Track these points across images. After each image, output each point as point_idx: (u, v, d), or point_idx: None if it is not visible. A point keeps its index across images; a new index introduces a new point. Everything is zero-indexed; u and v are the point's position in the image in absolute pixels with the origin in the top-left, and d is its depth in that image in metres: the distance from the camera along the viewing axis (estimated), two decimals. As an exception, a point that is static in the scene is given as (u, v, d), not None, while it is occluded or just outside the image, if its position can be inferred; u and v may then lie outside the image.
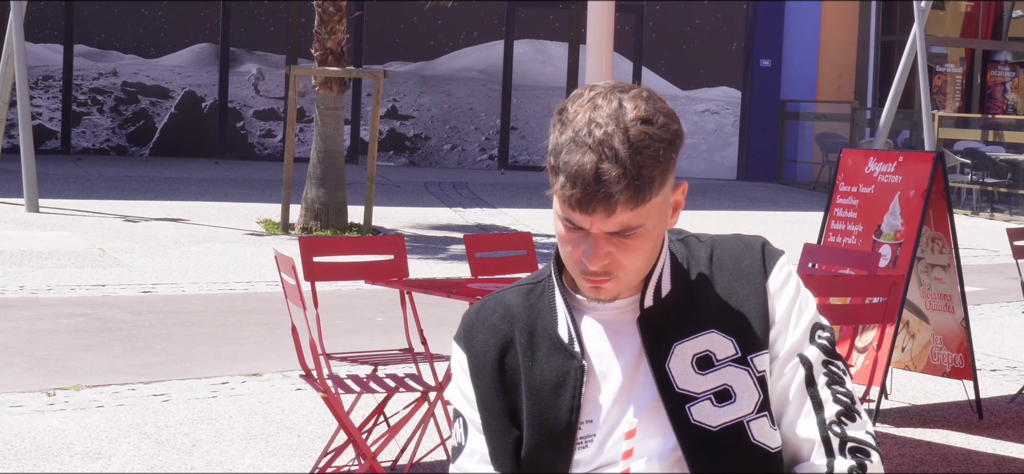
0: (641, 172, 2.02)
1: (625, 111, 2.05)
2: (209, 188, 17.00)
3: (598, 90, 2.09)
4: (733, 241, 2.25)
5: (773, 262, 2.21)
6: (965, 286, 7.14)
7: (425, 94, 22.00)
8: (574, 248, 2.09)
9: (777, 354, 2.18)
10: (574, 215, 2.05)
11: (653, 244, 2.11)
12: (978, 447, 6.54)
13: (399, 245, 6.14)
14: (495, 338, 2.21)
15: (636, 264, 2.10)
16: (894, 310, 6.15)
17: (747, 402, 2.14)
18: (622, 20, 21.18)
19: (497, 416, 2.20)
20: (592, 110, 2.05)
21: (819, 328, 2.20)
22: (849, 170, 7.26)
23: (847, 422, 2.16)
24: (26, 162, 13.90)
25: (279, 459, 5.91)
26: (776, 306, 2.19)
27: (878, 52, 23.40)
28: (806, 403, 2.17)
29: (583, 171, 2.01)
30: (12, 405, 6.57)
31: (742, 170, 22.78)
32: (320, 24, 13.73)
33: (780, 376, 2.18)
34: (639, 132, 2.03)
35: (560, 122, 2.09)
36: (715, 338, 2.16)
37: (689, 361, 2.15)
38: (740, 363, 2.15)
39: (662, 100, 2.10)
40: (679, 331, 2.16)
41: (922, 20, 16.80)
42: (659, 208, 2.08)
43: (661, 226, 2.12)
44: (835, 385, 2.18)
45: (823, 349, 2.19)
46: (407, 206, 16.18)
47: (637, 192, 2.02)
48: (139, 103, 20.81)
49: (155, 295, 9.94)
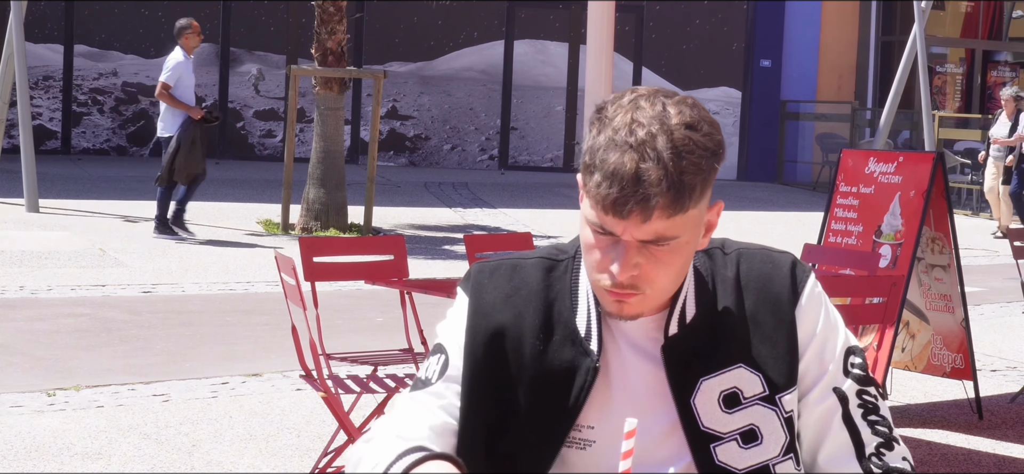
0: (683, 178, 1.92)
1: (669, 115, 1.96)
2: (209, 188, 16.97)
3: (641, 92, 2.01)
4: (760, 257, 2.15)
5: (803, 285, 2.12)
6: (965, 286, 7.13)
7: (425, 94, 22.00)
8: (603, 255, 1.98)
9: (809, 388, 2.11)
10: (606, 218, 1.95)
11: (684, 261, 2.01)
12: (978, 447, 6.54)
13: (399, 245, 6.14)
14: (506, 309, 2.10)
15: (665, 281, 2.00)
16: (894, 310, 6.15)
17: (774, 445, 2.07)
18: (622, 20, 21.17)
19: (478, 388, 2.09)
20: (635, 110, 1.97)
21: (851, 354, 2.13)
22: (849, 170, 7.25)
23: (886, 452, 2.11)
24: (26, 162, 13.90)
25: (279, 459, 5.91)
26: (806, 335, 2.10)
27: (878, 52, 23.40)
28: (845, 439, 2.11)
29: (622, 170, 1.92)
30: (12, 405, 6.57)
31: (742, 170, 22.77)
32: (320, 24, 13.72)
33: (814, 407, 2.11)
34: (683, 137, 1.94)
35: (598, 121, 1.99)
36: (743, 374, 2.07)
37: (716, 398, 2.06)
38: (768, 402, 2.07)
39: (706, 110, 2.02)
40: (706, 365, 2.06)
41: (922, 20, 16.80)
42: (694, 222, 1.98)
43: (693, 243, 2.01)
44: (871, 415, 2.12)
45: (858, 378, 2.12)
46: (407, 206, 16.18)
47: (677, 198, 1.92)
48: (139, 103, 20.81)
49: (155, 295, 9.94)
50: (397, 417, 2.08)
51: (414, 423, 2.06)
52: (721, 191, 10.85)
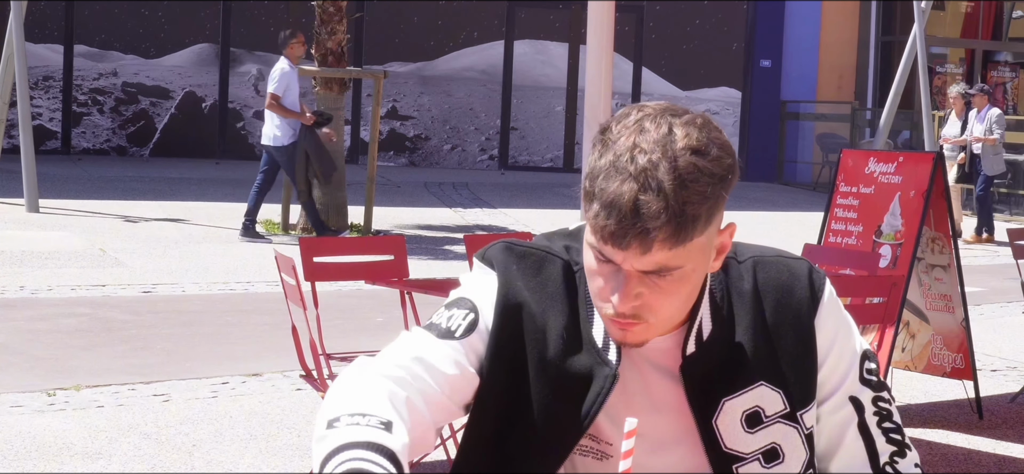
0: (685, 209, 1.82)
1: (675, 138, 1.84)
2: (209, 188, 17.00)
3: (648, 111, 1.89)
4: (776, 265, 2.07)
5: (821, 292, 2.06)
6: (965, 286, 7.13)
7: (425, 94, 22.00)
8: (605, 283, 1.90)
9: (828, 396, 2.07)
10: (606, 248, 1.86)
11: (690, 289, 1.92)
12: (978, 447, 6.54)
13: (399, 245, 6.14)
14: (534, 300, 2.00)
15: (669, 310, 1.91)
16: (894, 310, 6.15)
17: (795, 462, 2.04)
18: (622, 20, 21.17)
19: (498, 369, 1.98)
20: (638, 134, 1.85)
21: (867, 360, 2.09)
22: (849, 170, 7.25)
23: (899, 460, 2.10)
24: (26, 162, 13.90)
25: (279, 459, 5.91)
26: (825, 344, 2.06)
27: (878, 52, 23.39)
28: (859, 448, 2.09)
29: (620, 201, 1.81)
30: (12, 405, 6.57)
31: (742, 170, 22.45)
32: (320, 24, 13.72)
33: (832, 415, 2.08)
34: (688, 164, 1.83)
35: (601, 143, 1.87)
36: (764, 393, 2.01)
37: (739, 419, 2.00)
38: (789, 419, 2.03)
39: (718, 130, 1.90)
40: (728, 386, 2.00)
41: (922, 20, 16.80)
42: (701, 250, 1.88)
43: (702, 269, 1.92)
44: (886, 423, 2.10)
45: (874, 386, 2.09)
46: (407, 206, 16.18)
47: (678, 230, 1.82)
48: (139, 103, 20.80)
49: (155, 295, 9.94)
50: (405, 360, 1.94)
51: (422, 379, 1.92)
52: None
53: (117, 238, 12.59)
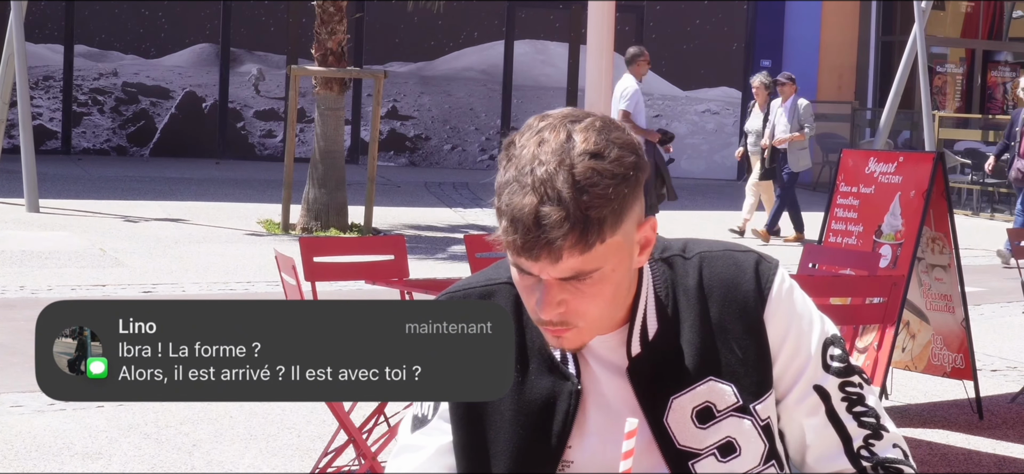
0: (588, 213, 1.82)
1: (573, 145, 1.85)
2: (209, 188, 17.00)
3: (549, 120, 1.92)
4: (723, 259, 2.04)
5: (769, 285, 2.02)
6: (965, 286, 7.13)
7: (425, 94, 22.01)
8: (528, 294, 1.91)
9: (788, 389, 2.04)
10: (520, 261, 1.87)
11: (614, 288, 1.92)
12: (978, 447, 6.54)
13: (399, 245, 6.14)
14: None
15: (596, 311, 1.91)
16: (894, 310, 6.15)
17: (752, 455, 2.01)
18: (622, 20, 21.16)
19: (463, 430, 2.03)
20: (537, 145, 1.86)
21: (830, 346, 2.05)
22: (849, 170, 7.26)
23: (874, 442, 2.05)
24: (26, 162, 13.91)
25: (279, 459, 5.91)
26: (777, 337, 2.02)
27: (878, 52, 23.40)
28: (831, 436, 2.05)
29: (522, 214, 1.82)
30: (12, 405, 6.57)
31: (742, 170, 22.76)
32: (320, 24, 13.72)
33: (796, 408, 2.04)
34: (586, 168, 1.83)
35: (506, 158, 1.89)
36: (714, 387, 1.99)
37: (689, 415, 1.99)
38: (742, 412, 2.00)
39: (620, 129, 1.90)
40: (676, 383, 1.99)
41: (922, 20, 16.79)
42: (617, 249, 1.88)
43: (623, 267, 1.91)
44: (857, 407, 2.05)
45: (838, 372, 2.04)
46: (407, 206, 16.18)
47: (584, 235, 1.82)
48: (139, 103, 20.81)
49: (155, 295, 9.94)
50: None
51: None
52: (721, 191, 10.76)
53: (117, 238, 12.59)
